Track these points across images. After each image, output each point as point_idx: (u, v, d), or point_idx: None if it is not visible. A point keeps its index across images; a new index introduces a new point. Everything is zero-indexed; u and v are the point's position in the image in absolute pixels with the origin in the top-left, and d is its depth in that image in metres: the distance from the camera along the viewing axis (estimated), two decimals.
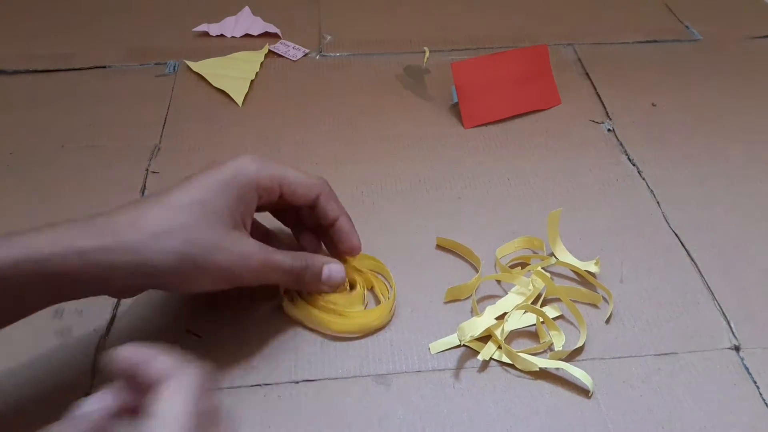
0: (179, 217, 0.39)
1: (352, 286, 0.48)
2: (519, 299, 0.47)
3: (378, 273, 0.49)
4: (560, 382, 0.43)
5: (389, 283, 0.48)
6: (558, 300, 0.48)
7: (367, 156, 0.60)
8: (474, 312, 0.46)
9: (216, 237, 0.39)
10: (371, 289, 0.48)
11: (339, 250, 0.47)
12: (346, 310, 0.46)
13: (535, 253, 0.51)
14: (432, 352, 0.44)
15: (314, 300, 0.46)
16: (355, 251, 0.47)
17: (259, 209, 0.45)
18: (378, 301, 0.48)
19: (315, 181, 0.45)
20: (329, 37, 0.76)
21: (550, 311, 0.46)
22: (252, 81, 0.69)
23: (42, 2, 0.81)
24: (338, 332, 0.45)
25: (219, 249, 0.39)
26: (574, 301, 0.47)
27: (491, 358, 0.44)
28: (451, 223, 0.53)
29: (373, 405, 0.42)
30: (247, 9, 0.79)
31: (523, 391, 0.42)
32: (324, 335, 0.45)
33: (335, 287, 0.45)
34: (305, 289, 0.45)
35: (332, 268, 0.45)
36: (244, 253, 0.40)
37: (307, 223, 0.48)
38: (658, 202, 0.56)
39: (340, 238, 0.47)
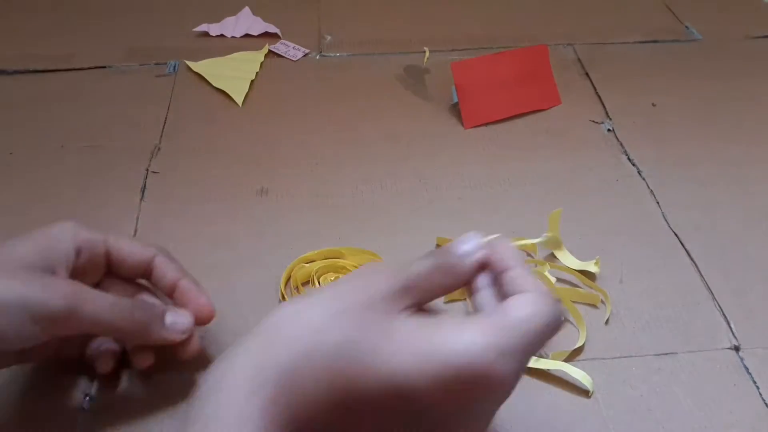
0: None
1: None
2: None
3: None
4: (560, 382, 0.43)
5: None
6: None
7: (368, 156, 0.60)
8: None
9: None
10: None
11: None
12: None
13: (530, 256, 0.51)
14: None
15: None
16: (204, 312, 0.41)
17: (88, 278, 0.39)
18: None
19: (148, 247, 0.41)
20: (329, 37, 0.76)
21: None
22: (252, 81, 0.69)
23: (42, 2, 0.81)
24: None
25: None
26: (574, 302, 0.47)
27: None
28: (451, 223, 0.53)
29: None
30: (247, 9, 0.79)
31: (523, 391, 0.42)
32: None
33: (180, 336, 0.39)
34: (144, 340, 0.38)
35: (176, 315, 0.39)
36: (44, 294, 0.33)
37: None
38: (658, 202, 0.56)
39: (187, 299, 0.40)
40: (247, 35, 0.76)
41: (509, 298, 0.30)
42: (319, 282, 0.47)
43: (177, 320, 0.38)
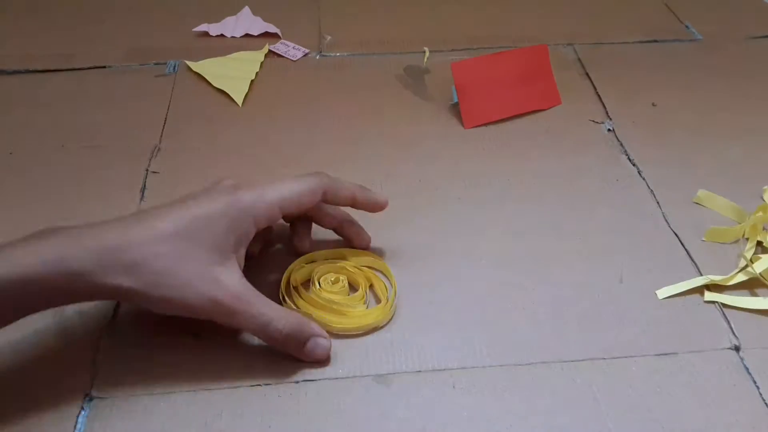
0: (160, 247, 0.39)
1: (353, 286, 0.48)
2: None
3: (377, 270, 0.49)
4: (561, 381, 0.43)
5: (390, 281, 0.49)
6: None
7: (368, 156, 0.60)
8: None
9: (190, 275, 0.40)
10: (371, 288, 0.48)
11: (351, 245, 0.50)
12: (347, 310, 0.46)
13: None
14: (659, 297, 0.47)
15: (314, 300, 0.46)
16: (366, 246, 0.50)
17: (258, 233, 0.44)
18: (378, 300, 0.48)
19: (313, 184, 0.45)
20: (329, 37, 0.76)
21: None
22: (252, 81, 0.69)
23: (42, 2, 0.81)
24: (339, 332, 0.45)
25: (190, 286, 0.39)
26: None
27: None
28: (451, 223, 0.53)
29: (373, 405, 0.42)
30: (247, 9, 0.79)
31: (523, 391, 0.42)
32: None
33: (315, 361, 0.43)
34: (282, 348, 0.43)
35: (318, 343, 0.43)
36: (217, 298, 0.40)
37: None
38: (658, 202, 0.56)
39: (351, 237, 0.50)
40: (247, 35, 0.76)
41: None
42: (319, 283, 0.47)
43: (316, 350, 0.43)
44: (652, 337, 0.45)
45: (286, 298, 0.46)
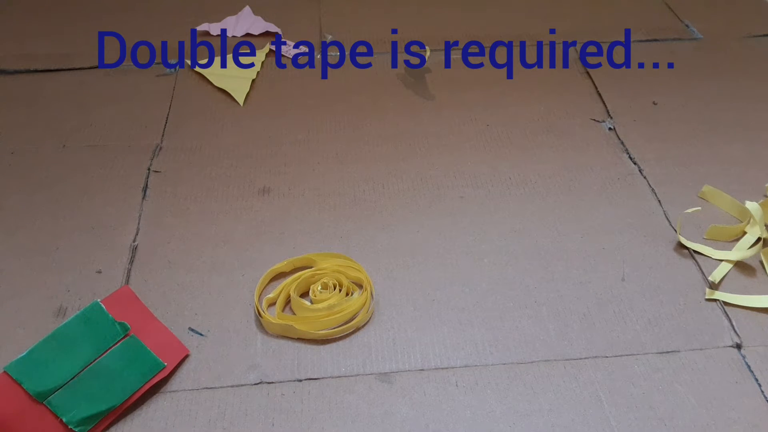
0: None
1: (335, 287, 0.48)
2: None
3: (345, 270, 0.49)
4: (563, 379, 0.43)
5: (361, 273, 0.49)
6: None
7: (369, 155, 0.60)
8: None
9: None
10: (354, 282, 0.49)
11: None
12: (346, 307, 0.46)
13: None
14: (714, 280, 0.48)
15: (298, 309, 0.46)
16: None
17: None
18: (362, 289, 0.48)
19: None
20: (330, 37, 0.76)
21: None
22: (253, 80, 0.69)
23: (42, 2, 0.81)
24: (320, 336, 0.45)
25: None
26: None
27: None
28: (453, 221, 0.54)
29: (377, 403, 0.42)
30: (247, 8, 0.79)
31: (526, 389, 0.42)
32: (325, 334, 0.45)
33: None
34: None
35: None
36: None
37: None
38: (659, 201, 0.56)
39: None
40: (248, 35, 0.76)
41: None
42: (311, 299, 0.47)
43: None
44: (654, 335, 0.46)
45: (261, 313, 0.46)
